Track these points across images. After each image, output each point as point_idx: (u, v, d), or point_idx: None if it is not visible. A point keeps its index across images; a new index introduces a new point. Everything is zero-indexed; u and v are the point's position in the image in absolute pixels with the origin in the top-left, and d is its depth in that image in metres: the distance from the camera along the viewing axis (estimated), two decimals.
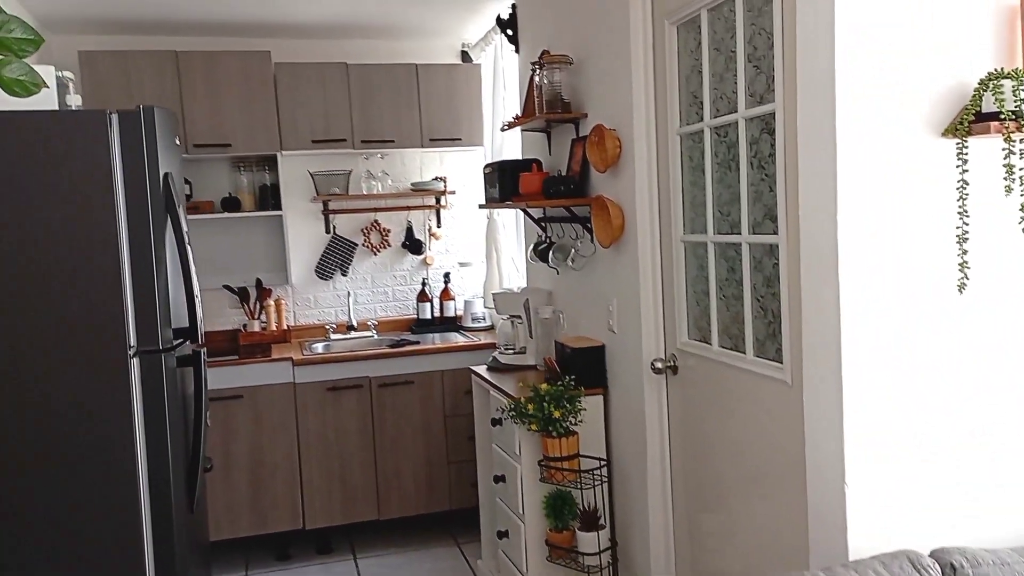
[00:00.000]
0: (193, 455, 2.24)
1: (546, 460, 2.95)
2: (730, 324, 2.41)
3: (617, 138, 2.87)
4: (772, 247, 2.15)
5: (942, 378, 1.83)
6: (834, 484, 1.83)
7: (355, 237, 4.87)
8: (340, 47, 4.73)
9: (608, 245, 2.94)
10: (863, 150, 1.77)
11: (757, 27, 2.17)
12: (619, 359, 3.01)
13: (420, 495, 4.34)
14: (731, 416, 2.38)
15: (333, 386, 4.22)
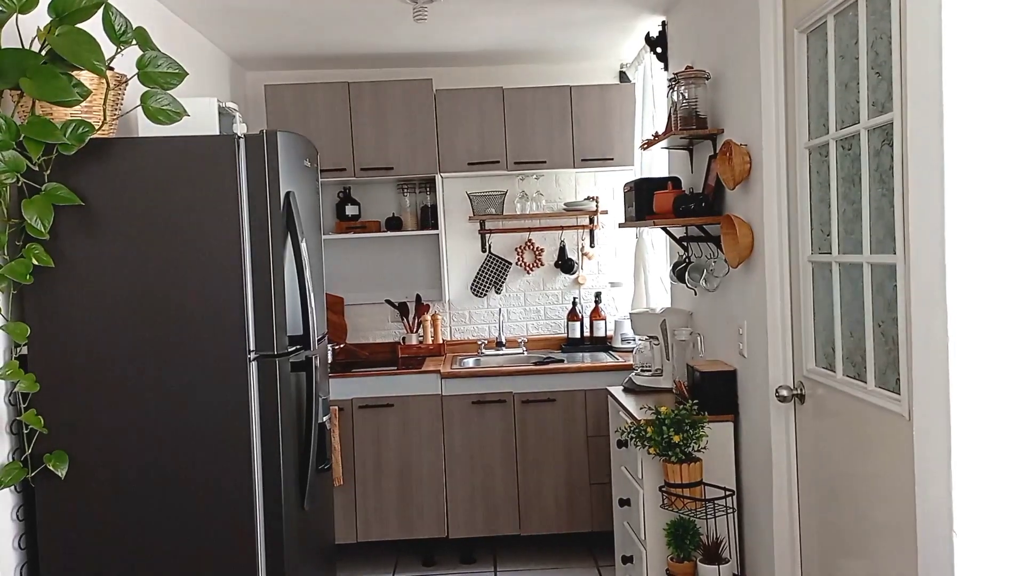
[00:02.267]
0: (303, 454, 2.38)
1: (667, 486, 2.86)
2: (853, 351, 2.23)
3: (747, 153, 2.76)
4: (892, 268, 1.98)
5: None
6: (942, 530, 1.65)
7: (509, 256, 4.98)
8: (498, 72, 4.88)
9: (736, 265, 2.82)
10: (976, 160, 1.60)
11: (879, 31, 2.01)
12: (748, 385, 2.87)
13: (561, 513, 4.33)
14: (854, 451, 2.20)
15: (478, 400, 4.32)
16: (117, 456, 2.27)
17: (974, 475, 1.61)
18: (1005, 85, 1.59)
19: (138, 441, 2.28)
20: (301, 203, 2.41)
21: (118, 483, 2.28)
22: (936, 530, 1.67)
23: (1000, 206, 1.60)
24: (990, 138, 1.60)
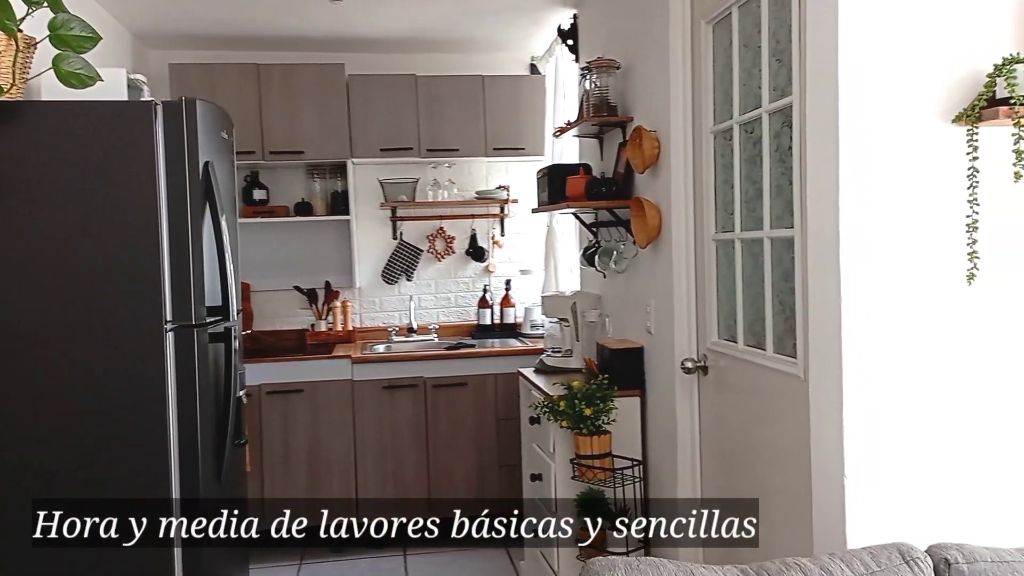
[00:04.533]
0: (221, 427, 2.36)
1: (578, 458, 2.97)
2: (754, 322, 2.39)
3: (656, 139, 2.89)
4: (789, 241, 2.13)
5: (948, 372, 1.77)
6: (834, 476, 1.80)
7: (420, 243, 5.01)
8: (411, 60, 4.90)
9: (645, 246, 2.95)
10: (867, 139, 1.75)
11: (780, 20, 2.16)
12: (656, 360, 3.01)
13: (471, 495, 4.40)
14: (756, 412, 2.35)
15: (389, 384, 4.33)
16: (25, 430, 2.20)
17: (862, 425, 1.76)
18: (892, 70, 1.75)
19: (48, 414, 2.21)
20: (219, 174, 2.39)
21: (26, 455, 2.21)
22: (829, 474, 1.82)
23: (888, 181, 1.76)
24: (880, 118, 1.75)
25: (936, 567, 1.57)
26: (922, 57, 1.75)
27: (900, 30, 1.75)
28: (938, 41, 1.75)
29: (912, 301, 1.76)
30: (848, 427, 1.77)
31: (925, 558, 1.58)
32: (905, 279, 1.76)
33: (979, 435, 1.79)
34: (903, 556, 1.58)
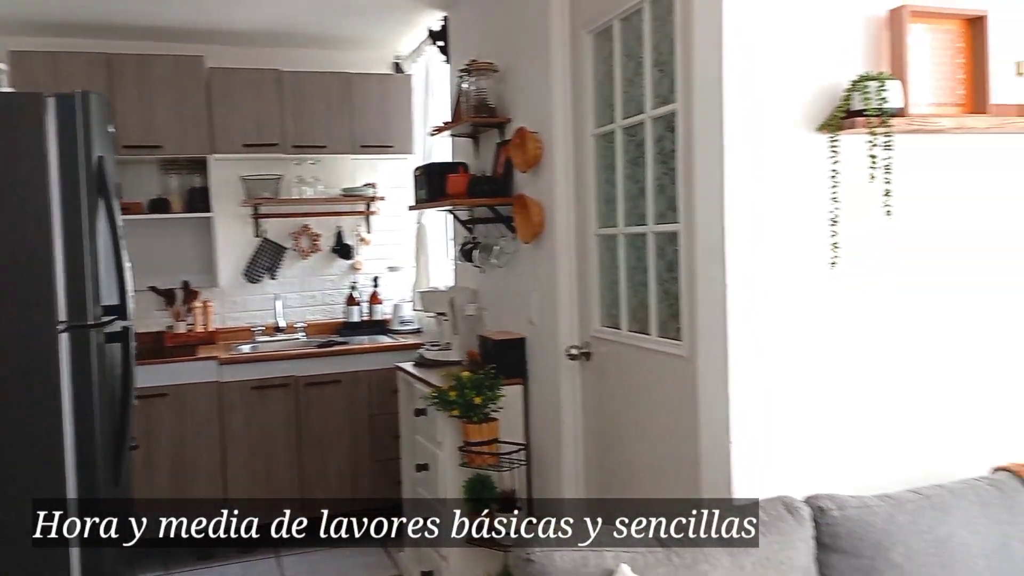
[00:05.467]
0: (121, 429, 2.30)
1: (467, 446, 3.08)
2: (637, 309, 2.60)
3: (538, 140, 3.05)
4: (673, 235, 2.35)
5: (817, 345, 2.04)
6: (721, 442, 2.02)
7: (285, 241, 4.95)
8: (274, 55, 4.82)
9: (529, 241, 3.11)
10: (747, 145, 1.98)
11: (662, 34, 2.38)
12: (538, 350, 3.17)
13: (344, 492, 4.40)
14: (639, 391, 2.56)
15: (259, 385, 4.27)
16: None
17: (744, 396, 1.99)
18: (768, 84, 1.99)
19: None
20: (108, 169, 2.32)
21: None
22: (716, 440, 2.04)
23: (765, 181, 2.00)
24: (758, 126, 1.99)
25: (813, 514, 1.82)
26: (792, 73, 2.00)
27: (774, 49, 1.99)
28: (805, 60, 2.01)
29: (786, 285, 2.01)
30: (733, 398, 1.99)
31: (804, 507, 1.83)
32: (780, 266, 2.01)
33: (844, 400, 2.06)
34: (786, 507, 1.82)
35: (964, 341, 2.17)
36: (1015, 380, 2.22)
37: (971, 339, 2.18)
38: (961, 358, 2.17)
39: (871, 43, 2.05)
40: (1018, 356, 2.22)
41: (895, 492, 1.92)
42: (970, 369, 2.18)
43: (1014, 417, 2.21)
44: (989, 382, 2.19)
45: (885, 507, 1.83)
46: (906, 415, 2.12)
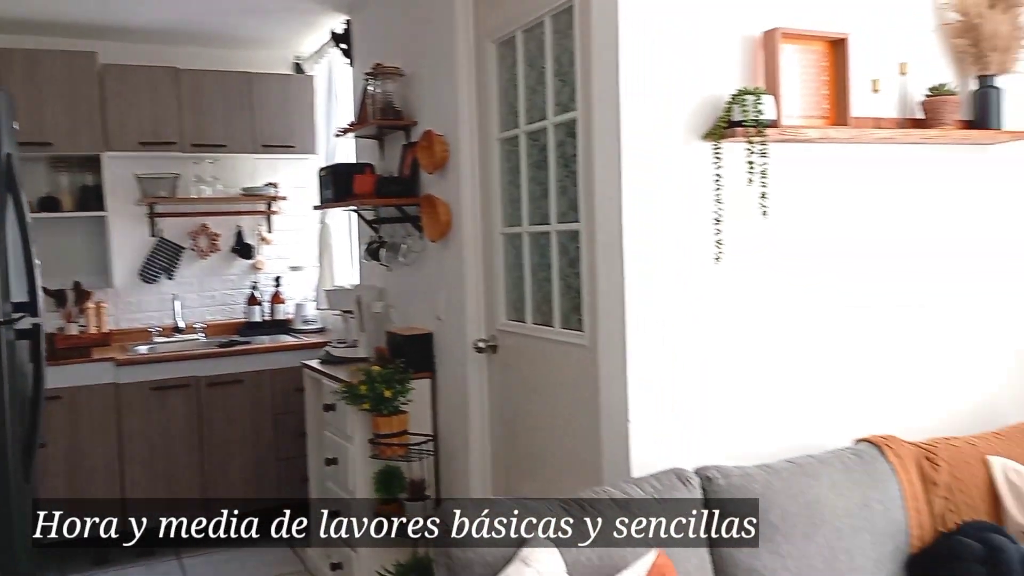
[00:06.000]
0: (31, 426, 2.29)
1: (377, 438, 3.18)
2: (541, 303, 2.77)
3: (445, 143, 3.18)
4: (575, 233, 2.53)
5: (705, 332, 2.25)
6: (620, 423, 2.20)
7: (182, 241, 4.89)
8: (172, 52, 4.77)
9: (437, 240, 3.23)
10: (642, 151, 2.17)
11: (562, 47, 2.55)
12: (446, 344, 3.30)
13: (248, 492, 4.40)
14: (544, 380, 2.73)
15: (158, 386, 4.22)
16: None
17: (641, 380, 2.18)
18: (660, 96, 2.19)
19: None
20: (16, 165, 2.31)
21: None
22: (616, 421, 2.22)
23: (658, 184, 2.19)
24: (651, 134, 2.18)
25: (702, 483, 2.03)
26: (680, 86, 2.21)
27: (665, 64, 2.19)
28: (691, 74, 2.22)
29: (676, 278, 2.22)
30: (631, 382, 2.18)
31: (694, 477, 2.03)
32: (671, 261, 2.21)
33: (726, 381, 2.28)
34: (678, 477, 2.02)
35: (829, 328, 2.43)
36: (872, 362, 2.50)
37: (835, 326, 2.44)
38: (826, 343, 2.43)
39: (748, 61, 2.28)
40: (874, 341, 2.50)
41: (772, 462, 2.15)
42: (834, 353, 2.44)
43: (872, 395, 2.49)
44: (850, 364, 2.47)
45: (763, 475, 2.06)
46: (780, 394, 2.36)
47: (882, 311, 2.51)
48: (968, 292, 2.65)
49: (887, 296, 2.52)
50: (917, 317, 2.57)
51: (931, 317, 2.59)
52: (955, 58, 2.61)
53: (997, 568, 1.95)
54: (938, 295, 2.60)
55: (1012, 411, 2.70)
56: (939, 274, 2.60)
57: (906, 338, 2.55)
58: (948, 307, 2.62)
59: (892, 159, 2.51)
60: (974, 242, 2.66)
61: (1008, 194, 2.72)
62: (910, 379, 2.55)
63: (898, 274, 2.53)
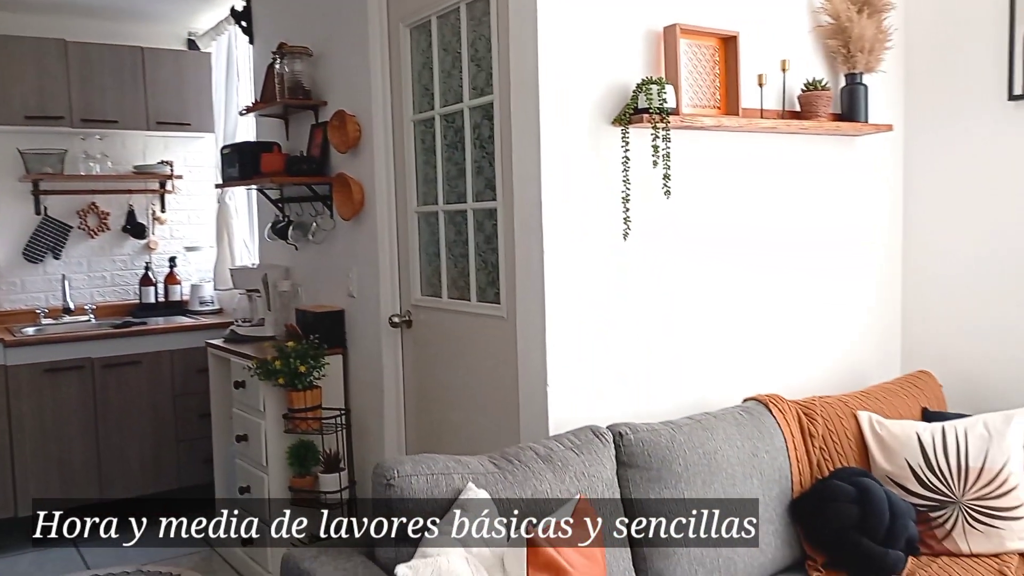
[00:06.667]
0: None
1: (291, 413, 3.24)
2: (457, 278, 2.90)
3: (357, 123, 3.26)
4: (491, 211, 2.67)
5: (614, 303, 2.45)
6: (539, 386, 2.38)
7: (70, 219, 4.73)
8: (60, 24, 4.59)
9: (350, 218, 3.31)
10: (559, 134, 2.34)
11: (478, 33, 2.68)
12: (358, 321, 3.38)
13: (147, 475, 4.34)
14: (461, 351, 2.87)
15: (51, 367, 4.10)
16: None
17: (558, 347, 2.36)
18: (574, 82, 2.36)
19: None
20: None
21: None
22: (533, 384, 2.39)
23: (573, 165, 2.37)
24: (567, 118, 2.35)
25: (614, 438, 2.22)
26: (592, 74, 2.38)
27: (578, 53, 2.36)
28: (602, 63, 2.40)
29: (590, 253, 2.40)
30: (550, 349, 2.35)
31: (607, 433, 2.23)
32: (585, 237, 2.39)
33: (634, 346, 2.49)
34: (594, 433, 2.21)
35: (721, 299, 2.69)
36: (756, 330, 2.77)
37: (725, 298, 2.70)
38: (718, 313, 2.68)
39: (652, 53, 2.49)
40: (758, 311, 2.78)
41: (675, 419, 2.38)
42: (724, 322, 2.70)
43: (757, 359, 2.77)
44: (738, 332, 2.73)
45: (667, 430, 2.27)
46: (680, 359, 2.60)
47: (764, 285, 2.79)
48: (834, 269, 2.97)
49: (769, 271, 2.80)
50: (793, 291, 2.86)
51: (804, 291, 2.89)
52: (828, 57, 2.91)
53: (866, 506, 2.24)
54: (810, 271, 2.90)
55: (871, 371, 3.05)
56: (811, 252, 2.91)
57: (784, 309, 2.84)
58: (818, 282, 2.93)
59: (772, 149, 2.78)
60: (838, 224, 2.98)
61: (867, 183, 3.05)
62: (788, 344, 2.85)
63: (777, 252, 2.81)
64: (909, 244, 3.12)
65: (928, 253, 3.07)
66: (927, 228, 3.07)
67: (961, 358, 2.95)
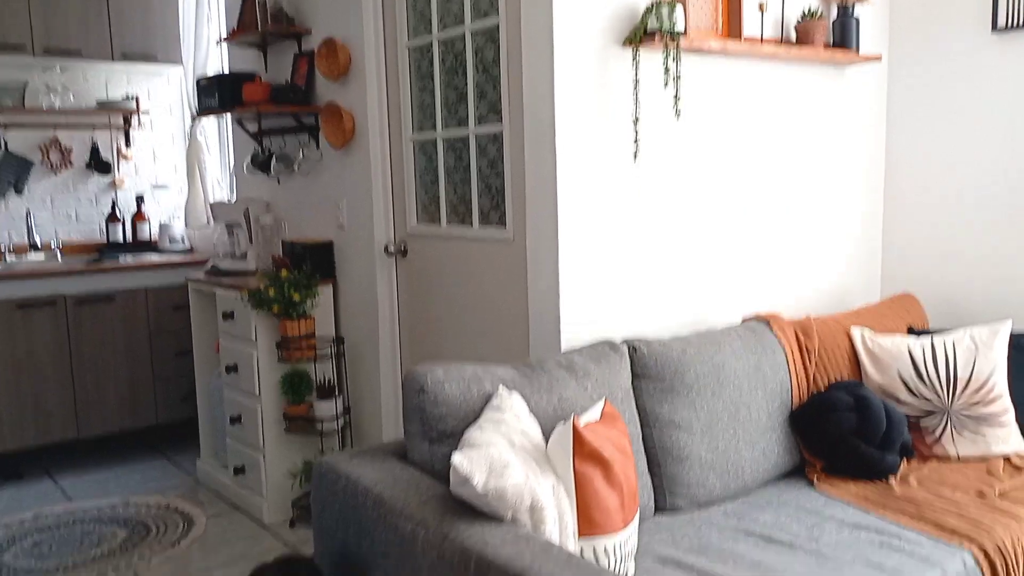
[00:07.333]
0: None
1: (284, 342, 3.23)
2: (458, 204, 2.91)
3: (348, 50, 3.21)
4: (495, 136, 2.68)
5: (623, 224, 2.50)
6: (551, 306, 2.42)
7: (31, 155, 4.56)
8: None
9: (340, 147, 3.27)
10: (572, 54, 2.36)
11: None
12: (349, 251, 3.37)
13: (124, 412, 4.28)
14: (459, 276, 2.89)
15: (23, 303, 3.99)
16: None
17: (570, 267, 2.41)
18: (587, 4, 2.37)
19: None
20: None
21: None
22: (545, 306, 2.44)
23: (586, 86, 2.39)
24: (580, 39, 2.36)
25: (629, 351, 2.29)
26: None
27: None
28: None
29: (601, 173, 2.44)
30: (563, 268, 2.39)
31: (622, 346, 2.29)
32: (597, 157, 2.43)
33: (644, 265, 2.55)
34: (610, 347, 2.27)
35: (723, 222, 2.76)
36: (755, 253, 2.86)
37: (727, 220, 2.77)
38: (720, 235, 2.76)
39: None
40: (757, 234, 2.86)
41: (684, 334, 2.46)
42: (725, 244, 2.78)
43: (755, 280, 2.86)
44: (738, 255, 2.81)
45: (678, 344, 2.35)
46: (683, 279, 2.67)
47: (759, 210, 2.87)
48: (822, 196, 3.07)
49: (763, 197, 2.88)
50: (785, 216, 2.95)
51: (795, 216, 2.99)
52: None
53: (864, 414, 2.36)
54: (801, 197, 3.00)
55: (854, 295, 3.18)
56: (802, 179, 2.99)
57: (777, 233, 2.93)
58: (807, 208, 3.02)
59: (769, 77, 2.84)
60: (827, 153, 3.07)
61: (854, 113, 3.14)
62: (780, 267, 2.95)
63: (771, 178, 2.89)
64: (891, 172, 3.24)
65: (910, 182, 3.19)
66: (909, 158, 3.18)
67: (941, 282, 3.09)
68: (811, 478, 2.39)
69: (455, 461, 1.55)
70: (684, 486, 2.22)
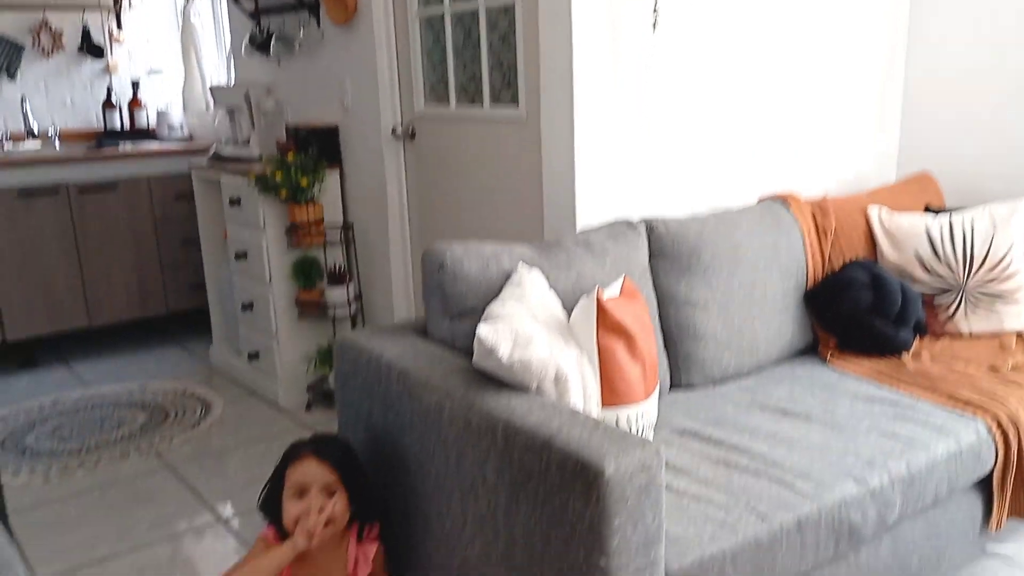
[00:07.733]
0: None
1: (293, 227, 3.21)
2: (467, 83, 2.83)
3: None
4: (506, 9, 2.58)
5: (644, 96, 2.43)
6: (566, 186, 2.39)
7: (22, 38, 4.42)
8: None
9: (343, 23, 3.16)
10: None
11: None
12: (355, 135, 3.30)
13: (133, 301, 4.30)
14: (470, 157, 2.84)
15: (25, 192, 3.94)
16: None
17: (586, 145, 2.35)
18: None
19: None
20: None
21: None
22: (560, 185, 2.40)
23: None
24: None
25: (647, 230, 2.27)
26: None
27: None
28: None
29: (618, 46, 2.35)
30: (578, 147, 2.34)
31: (640, 225, 2.27)
32: (614, 30, 2.34)
33: (661, 142, 2.50)
34: (628, 226, 2.25)
35: (739, 101, 2.69)
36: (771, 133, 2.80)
37: (743, 99, 2.70)
38: (736, 114, 2.69)
39: None
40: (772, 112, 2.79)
41: (700, 214, 2.43)
42: (744, 123, 2.71)
43: (771, 161, 2.81)
44: (756, 134, 2.75)
45: (695, 224, 2.33)
46: (704, 157, 2.62)
47: (781, 86, 2.79)
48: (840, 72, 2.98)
49: (786, 73, 2.79)
50: (802, 93, 2.87)
51: (812, 93, 2.90)
52: None
53: (880, 291, 2.36)
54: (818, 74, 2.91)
55: (870, 175, 3.14)
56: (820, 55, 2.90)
57: (793, 111, 2.85)
58: (824, 85, 2.94)
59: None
60: (847, 27, 2.96)
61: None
62: (797, 147, 2.89)
63: (793, 54, 2.80)
64: (913, 48, 3.13)
65: (932, 58, 3.09)
66: (932, 33, 3.08)
67: (960, 158, 3.03)
68: (824, 355, 2.41)
69: (481, 332, 1.55)
70: (699, 363, 2.25)
